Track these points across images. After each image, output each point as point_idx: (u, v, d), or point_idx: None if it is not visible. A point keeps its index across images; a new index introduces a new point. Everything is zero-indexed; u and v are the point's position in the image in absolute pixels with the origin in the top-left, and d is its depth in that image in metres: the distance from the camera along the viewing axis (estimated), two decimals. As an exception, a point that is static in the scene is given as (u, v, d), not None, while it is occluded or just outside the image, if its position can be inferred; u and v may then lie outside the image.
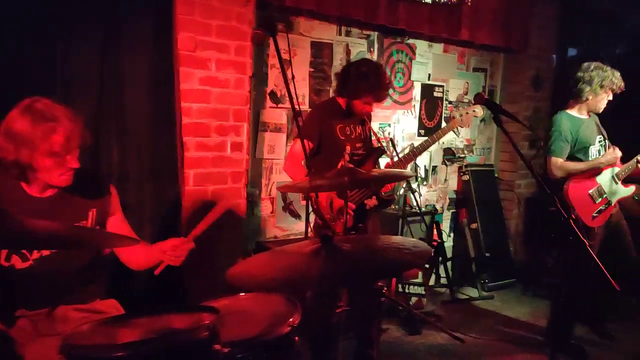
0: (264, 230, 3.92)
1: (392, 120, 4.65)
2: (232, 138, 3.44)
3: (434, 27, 4.43)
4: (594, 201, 3.56)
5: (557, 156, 3.56)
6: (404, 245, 1.67)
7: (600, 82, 3.49)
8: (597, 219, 3.56)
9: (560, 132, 3.55)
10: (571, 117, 3.61)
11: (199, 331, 1.34)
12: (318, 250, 1.68)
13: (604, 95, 3.53)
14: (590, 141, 3.59)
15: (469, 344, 3.87)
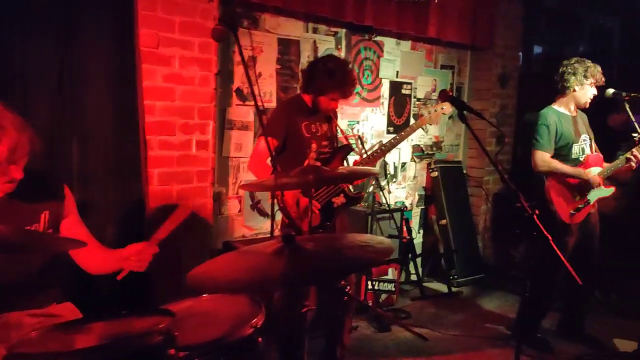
0: (231, 229, 3.87)
1: (361, 118, 4.64)
2: (198, 136, 3.38)
3: (401, 24, 4.43)
4: (575, 198, 3.60)
5: (543, 150, 3.58)
6: (367, 243, 1.66)
7: (584, 72, 3.54)
8: (575, 216, 3.60)
9: (547, 126, 3.57)
10: (557, 112, 3.64)
11: (152, 336, 1.30)
12: (280, 250, 1.66)
13: (589, 87, 3.56)
14: (573, 138, 3.62)
15: (438, 339, 3.89)
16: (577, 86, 3.57)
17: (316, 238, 1.77)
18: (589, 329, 3.97)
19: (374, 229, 4.30)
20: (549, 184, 3.58)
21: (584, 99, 3.60)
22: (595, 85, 3.57)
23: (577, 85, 3.56)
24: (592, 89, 3.57)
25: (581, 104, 3.64)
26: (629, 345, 3.64)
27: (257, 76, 3.88)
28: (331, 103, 2.93)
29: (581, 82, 3.54)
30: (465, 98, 5.59)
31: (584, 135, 3.69)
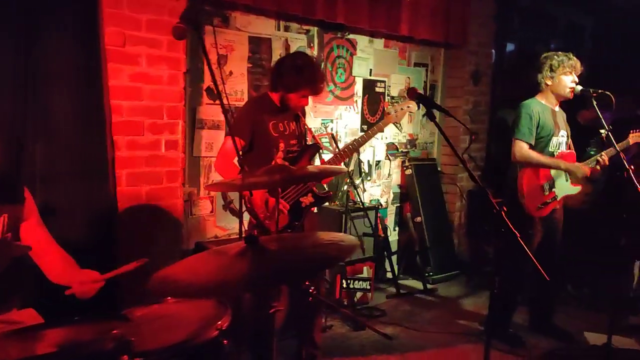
0: (203, 230, 3.83)
1: (335, 116, 4.63)
2: (167, 136, 3.33)
3: (373, 22, 4.42)
4: (544, 192, 3.64)
5: (524, 139, 3.59)
6: (331, 242, 1.64)
7: (549, 66, 3.57)
8: (542, 210, 3.63)
9: (530, 116, 3.58)
10: (540, 104, 3.66)
11: (104, 342, 1.27)
12: (243, 252, 1.63)
13: (562, 77, 3.57)
14: (553, 131, 3.64)
15: (412, 336, 3.91)
16: (548, 81, 3.60)
17: (280, 238, 1.75)
18: (561, 323, 4.02)
19: (348, 228, 4.29)
20: (521, 175, 3.61)
21: (562, 90, 3.60)
22: (570, 74, 3.57)
23: (548, 79, 3.60)
24: (567, 78, 3.57)
25: (562, 95, 3.64)
26: (599, 339, 3.68)
27: (228, 75, 3.84)
28: (302, 100, 2.91)
29: (550, 75, 3.58)
30: (439, 95, 5.62)
31: (563, 131, 3.72)
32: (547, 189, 3.63)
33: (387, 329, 4.00)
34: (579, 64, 3.62)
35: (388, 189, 5.27)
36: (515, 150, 3.61)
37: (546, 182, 3.63)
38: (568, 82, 3.59)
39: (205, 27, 3.68)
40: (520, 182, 3.61)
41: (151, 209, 3.31)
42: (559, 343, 3.79)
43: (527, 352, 3.67)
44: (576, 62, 3.60)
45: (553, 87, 3.63)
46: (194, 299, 1.92)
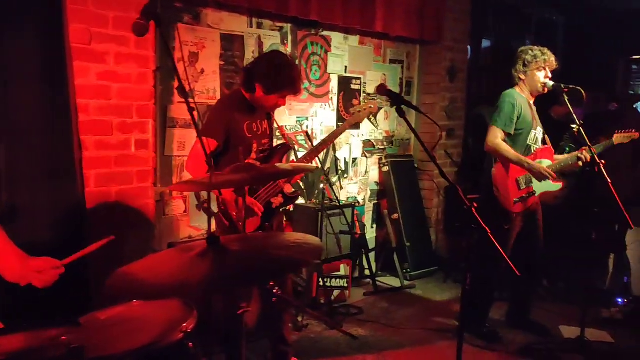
0: (177, 230, 3.77)
1: (310, 114, 4.60)
2: (137, 135, 3.27)
3: (347, 19, 4.40)
4: (519, 187, 3.63)
5: (501, 127, 3.55)
6: (295, 243, 1.62)
7: (523, 61, 3.57)
8: (518, 205, 3.63)
9: (513, 105, 3.55)
10: (520, 95, 3.65)
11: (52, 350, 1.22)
12: (204, 252, 1.60)
13: (535, 72, 3.57)
14: (532, 124, 3.63)
15: (389, 333, 3.90)
16: (521, 75, 3.61)
17: (242, 239, 1.71)
18: (537, 318, 4.05)
19: (324, 226, 4.26)
20: (496, 171, 3.61)
21: (534, 86, 3.61)
22: (544, 69, 3.58)
23: (521, 74, 3.61)
24: (540, 74, 3.57)
25: (534, 89, 3.64)
26: (573, 332, 3.71)
27: (199, 72, 3.78)
28: (280, 101, 2.86)
29: (524, 71, 3.58)
30: (415, 92, 5.62)
31: (540, 127, 3.73)
32: (522, 183, 3.63)
33: (364, 326, 4.00)
34: (554, 60, 3.62)
35: (365, 186, 5.25)
36: (490, 136, 3.58)
37: (521, 177, 3.63)
38: (541, 78, 3.59)
39: (177, 24, 3.63)
40: (495, 177, 3.62)
41: (122, 210, 3.25)
42: (535, 337, 3.81)
43: (503, 348, 3.68)
44: (550, 57, 3.60)
45: (526, 81, 3.63)
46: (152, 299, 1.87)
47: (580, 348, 3.50)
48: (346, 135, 4.96)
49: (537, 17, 6.73)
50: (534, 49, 3.61)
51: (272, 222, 2.92)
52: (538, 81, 3.60)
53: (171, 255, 1.81)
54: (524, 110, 3.59)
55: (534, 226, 3.78)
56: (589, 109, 4.95)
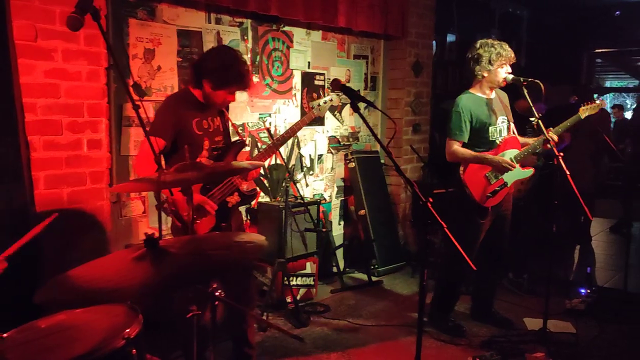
0: (135, 232, 3.68)
1: (273, 110, 4.53)
2: (89, 135, 3.17)
3: (308, 14, 4.35)
4: (489, 182, 3.63)
5: (454, 138, 3.58)
6: (236, 242, 1.56)
7: (489, 58, 3.53)
8: (491, 200, 3.62)
9: (460, 113, 3.56)
10: (472, 96, 3.64)
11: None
12: (142, 256, 1.54)
13: (498, 69, 3.56)
14: (490, 121, 3.61)
15: (355, 330, 3.87)
16: (484, 73, 3.58)
17: (183, 241, 1.65)
18: (502, 310, 4.08)
19: (289, 224, 4.21)
20: (464, 171, 3.60)
21: (496, 81, 3.59)
22: (505, 65, 3.57)
23: (484, 72, 3.58)
24: (502, 70, 3.56)
25: (496, 85, 3.64)
26: (537, 323, 3.74)
27: (156, 69, 3.69)
28: (229, 97, 2.79)
29: (487, 68, 3.55)
30: (381, 87, 5.60)
31: (502, 117, 3.69)
32: (492, 177, 3.62)
33: (330, 324, 3.96)
34: (513, 55, 3.62)
35: (332, 182, 5.22)
36: (447, 149, 3.62)
37: (489, 172, 3.63)
38: (503, 73, 3.59)
39: (129, 19, 3.53)
40: (464, 177, 3.61)
41: (74, 213, 3.14)
42: (499, 330, 3.83)
43: (467, 341, 3.69)
44: (511, 53, 3.59)
45: (488, 78, 3.61)
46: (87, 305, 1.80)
47: (542, 339, 3.52)
48: (311, 132, 4.92)
49: (501, 11, 6.78)
50: (495, 45, 3.58)
51: (230, 221, 2.85)
52: (500, 77, 3.59)
53: (113, 259, 1.74)
54: (476, 111, 3.58)
55: (503, 219, 3.79)
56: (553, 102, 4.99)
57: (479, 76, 3.62)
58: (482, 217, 3.63)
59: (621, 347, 3.59)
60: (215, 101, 2.78)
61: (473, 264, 2.42)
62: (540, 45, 7.11)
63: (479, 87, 3.67)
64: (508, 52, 3.58)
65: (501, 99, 3.76)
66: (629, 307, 4.13)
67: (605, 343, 3.65)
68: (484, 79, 3.62)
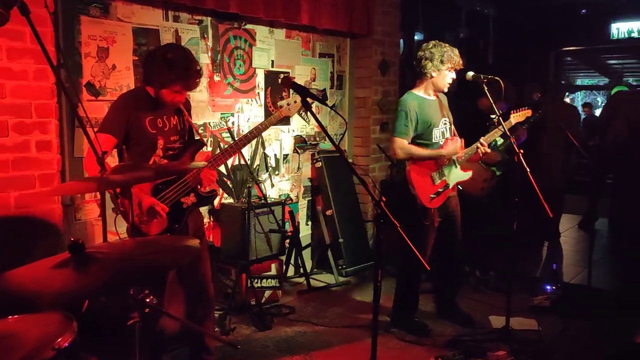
0: (91, 236, 3.57)
1: (235, 110, 4.45)
2: (38, 136, 3.06)
3: (270, 11, 4.28)
4: (434, 182, 3.62)
5: (400, 137, 3.57)
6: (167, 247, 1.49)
7: (441, 57, 3.52)
8: (435, 201, 3.62)
9: (405, 113, 3.55)
10: (417, 97, 3.62)
11: None
12: (65, 262, 1.46)
13: (446, 72, 3.56)
14: (433, 122, 3.61)
15: (319, 332, 3.82)
16: (434, 72, 3.57)
17: (112, 245, 1.58)
18: (468, 308, 4.07)
19: (252, 225, 4.14)
20: (409, 169, 3.58)
21: (442, 84, 3.61)
22: (453, 70, 3.58)
23: (434, 71, 3.56)
24: (450, 74, 3.58)
25: (439, 88, 3.64)
26: (502, 321, 3.73)
27: (110, 68, 3.59)
28: (176, 96, 2.70)
29: (438, 67, 3.54)
30: (347, 86, 5.56)
31: (444, 119, 3.70)
32: (436, 178, 3.62)
33: (294, 326, 3.91)
34: (461, 62, 3.62)
35: (298, 182, 5.16)
36: (395, 147, 3.59)
37: (434, 172, 3.62)
38: (449, 78, 3.61)
39: (80, 16, 3.42)
40: (409, 176, 3.59)
41: (23, 217, 3.03)
42: (463, 329, 3.81)
43: (432, 341, 3.66)
44: (460, 59, 3.61)
45: (436, 79, 3.60)
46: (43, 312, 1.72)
47: (505, 337, 3.51)
48: (276, 131, 4.85)
49: (467, 9, 6.79)
50: (448, 48, 3.58)
51: (186, 223, 2.77)
52: (445, 81, 3.61)
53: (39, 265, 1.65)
54: (420, 112, 3.58)
55: (452, 219, 3.79)
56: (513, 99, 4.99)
57: (428, 75, 3.61)
58: (426, 218, 3.62)
59: (583, 343, 3.60)
60: (165, 100, 2.70)
61: (429, 265, 2.40)
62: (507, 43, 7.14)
63: (424, 88, 3.66)
64: (458, 58, 3.59)
65: (441, 101, 3.77)
66: (592, 302, 4.15)
67: (568, 339, 3.65)
68: (431, 79, 3.62)
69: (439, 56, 3.52)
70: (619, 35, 8.11)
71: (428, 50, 3.55)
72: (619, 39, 8.16)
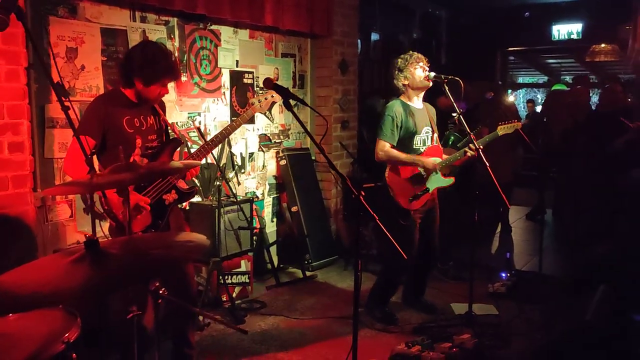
0: (63, 237, 3.55)
1: (202, 109, 4.51)
2: (10, 137, 3.05)
3: (235, 12, 4.35)
4: (412, 185, 3.79)
5: (385, 140, 3.72)
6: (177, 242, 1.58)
7: (398, 68, 3.74)
8: (414, 203, 3.78)
9: (392, 118, 3.71)
10: (403, 104, 3.79)
11: None
12: (81, 258, 1.52)
13: (414, 70, 3.71)
14: (415, 129, 3.77)
15: (292, 325, 3.94)
16: (404, 81, 3.76)
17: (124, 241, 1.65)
18: (430, 297, 4.28)
19: (222, 222, 4.21)
20: (388, 172, 3.76)
21: (419, 82, 3.74)
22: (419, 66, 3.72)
23: (402, 80, 3.76)
24: (418, 70, 3.72)
25: (421, 87, 3.78)
26: (463, 308, 3.96)
27: (79, 69, 3.58)
28: (163, 90, 2.78)
29: (404, 75, 3.74)
30: (309, 85, 5.69)
31: (426, 128, 3.86)
32: (414, 182, 3.79)
33: (267, 320, 4.01)
34: (423, 56, 3.80)
35: (264, 180, 5.25)
36: (378, 149, 3.76)
37: (412, 177, 3.79)
38: (420, 73, 3.75)
39: (49, 17, 3.40)
40: (388, 180, 3.77)
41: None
42: (428, 316, 4.02)
43: (399, 329, 3.85)
44: (418, 55, 3.78)
45: (410, 84, 3.77)
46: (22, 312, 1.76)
47: (468, 322, 3.74)
48: (241, 130, 4.93)
49: (421, 11, 7.05)
50: (406, 55, 3.79)
51: (167, 220, 2.83)
52: (420, 76, 3.74)
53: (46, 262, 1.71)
54: (404, 119, 3.75)
55: (431, 221, 3.97)
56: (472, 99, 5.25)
57: (401, 88, 3.81)
58: (404, 220, 3.79)
59: (538, 324, 3.87)
60: (150, 97, 2.77)
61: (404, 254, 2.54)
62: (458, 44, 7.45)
63: (407, 97, 3.84)
64: (415, 55, 3.77)
65: (428, 111, 3.94)
66: (544, 287, 4.45)
67: (524, 321, 3.92)
68: (408, 86, 3.79)
69: (396, 68, 3.76)
70: (559, 37, 8.59)
71: (394, 67, 3.79)
72: (559, 40, 8.65)
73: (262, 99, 3.17)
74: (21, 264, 3.05)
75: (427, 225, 3.94)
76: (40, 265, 1.63)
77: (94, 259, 1.49)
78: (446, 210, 4.68)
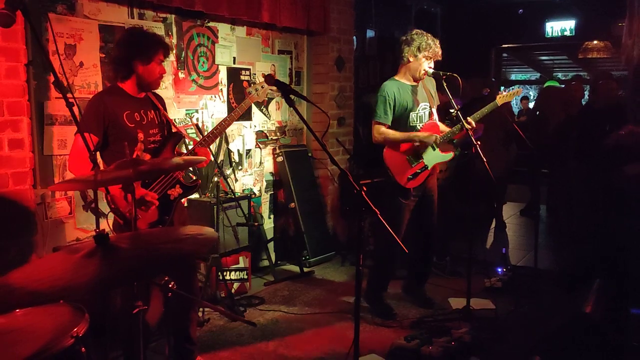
0: (62, 234, 3.56)
1: (200, 106, 4.51)
2: (10, 134, 3.04)
3: (233, 9, 4.36)
4: (410, 165, 3.81)
5: (380, 121, 3.74)
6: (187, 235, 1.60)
7: (419, 44, 3.69)
8: (412, 182, 3.81)
9: (385, 98, 3.72)
10: (397, 82, 3.80)
11: None
12: (92, 252, 1.54)
13: (422, 60, 3.71)
14: (410, 106, 3.77)
15: (291, 319, 3.97)
16: (410, 57, 3.74)
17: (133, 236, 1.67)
18: (428, 292, 4.31)
19: (221, 219, 4.22)
20: (385, 153, 3.78)
21: (417, 71, 3.75)
22: (431, 59, 3.74)
23: (411, 56, 3.73)
24: (426, 62, 3.73)
25: (415, 76, 3.79)
26: (461, 302, 4.00)
27: (78, 66, 3.58)
28: (161, 68, 2.83)
29: (414, 53, 3.71)
30: (305, 82, 5.70)
31: (423, 104, 3.87)
32: (412, 160, 3.82)
33: (265, 315, 4.04)
34: (440, 52, 3.80)
35: (261, 177, 5.27)
36: (374, 131, 3.80)
37: (410, 155, 3.82)
38: (425, 66, 3.76)
39: (48, 14, 3.40)
40: (386, 160, 3.80)
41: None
42: (426, 311, 4.06)
43: (398, 323, 3.88)
44: (439, 49, 3.78)
45: (412, 64, 3.76)
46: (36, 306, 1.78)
47: (466, 316, 3.78)
48: (239, 127, 4.94)
49: (416, 8, 7.08)
50: (429, 37, 3.74)
51: (173, 215, 2.85)
52: (422, 68, 3.75)
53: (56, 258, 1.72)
54: (399, 97, 3.76)
55: (429, 200, 3.98)
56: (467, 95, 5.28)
57: (405, 59, 3.77)
58: (404, 198, 3.83)
59: (534, 318, 3.92)
60: (151, 79, 2.79)
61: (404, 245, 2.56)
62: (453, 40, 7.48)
63: (403, 74, 3.84)
64: (437, 48, 3.75)
65: (425, 86, 3.92)
66: (539, 282, 4.50)
67: (521, 315, 3.96)
68: (408, 65, 3.78)
69: (417, 43, 3.69)
70: (552, 34, 8.64)
71: (410, 36, 3.75)
72: (553, 37, 8.70)
73: (259, 88, 3.22)
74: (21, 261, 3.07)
75: (425, 206, 3.96)
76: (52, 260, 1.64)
77: (104, 254, 1.50)
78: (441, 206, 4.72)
